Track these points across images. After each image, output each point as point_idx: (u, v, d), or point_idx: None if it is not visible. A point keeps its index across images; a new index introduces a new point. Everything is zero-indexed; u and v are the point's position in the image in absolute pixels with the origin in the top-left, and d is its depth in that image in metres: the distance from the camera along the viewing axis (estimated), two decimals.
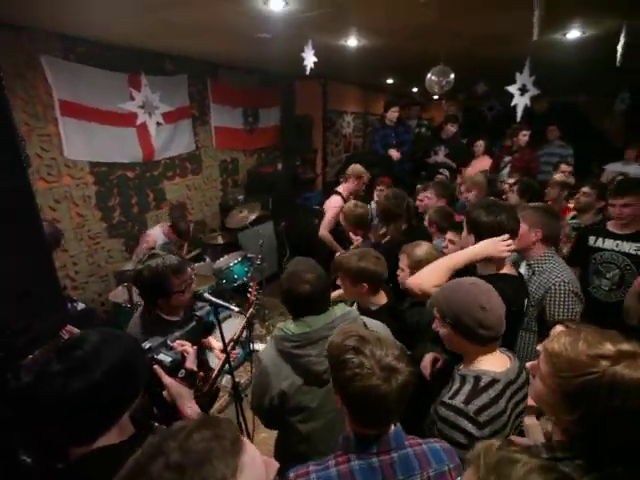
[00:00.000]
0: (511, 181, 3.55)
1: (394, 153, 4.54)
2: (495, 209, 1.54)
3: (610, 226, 2.37)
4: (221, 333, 1.48)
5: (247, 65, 4.99)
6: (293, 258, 4.55)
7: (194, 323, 1.31)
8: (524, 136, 4.66)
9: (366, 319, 1.50)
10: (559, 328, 1.29)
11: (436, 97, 7.79)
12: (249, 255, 3.52)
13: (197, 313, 1.35)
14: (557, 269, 1.76)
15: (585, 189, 2.78)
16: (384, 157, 4.60)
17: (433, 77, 3.00)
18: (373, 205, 3.96)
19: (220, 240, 3.79)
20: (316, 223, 3.70)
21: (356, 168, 3.42)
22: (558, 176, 3.34)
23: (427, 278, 1.49)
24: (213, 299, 1.49)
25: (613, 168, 4.74)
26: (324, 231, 3.33)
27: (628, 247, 2.28)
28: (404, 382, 0.88)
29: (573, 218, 2.88)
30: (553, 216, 1.89)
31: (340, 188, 3.54)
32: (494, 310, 1.14)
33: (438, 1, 2.50)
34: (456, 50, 4.09)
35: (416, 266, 1.79)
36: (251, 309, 1.92)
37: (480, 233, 1.54)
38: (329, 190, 4.15)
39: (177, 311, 1.60)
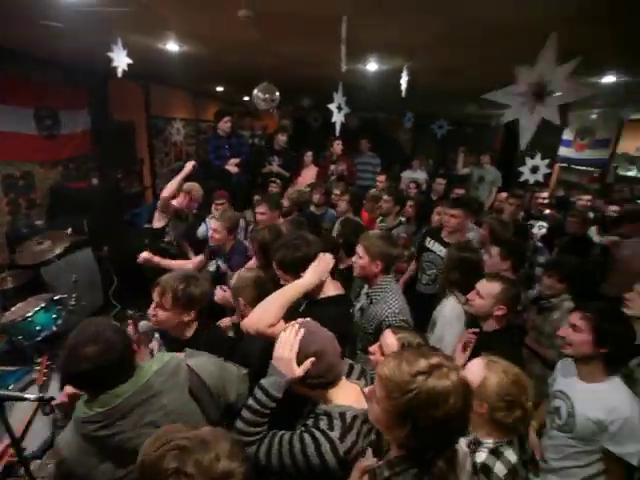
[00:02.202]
0: (338, 192, 3.96)
1: (232, 168, 4.44)
2: (298, 243, 1.61)
3: (443, 233, 2.77)
4: (9, 430, 1.07)
5: (40, 56, 3.99)
6: (122, 287, 3.78)
7: None
8: (338, 145, 5.28)
9: (192, 361, 1.31)
10: (388, 333, 1.46)
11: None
12: (58, 297, 2.78)
13: None
14: (390, 299, 1.86)
15: (385, 197, 3.36)
16: (220, 169, 4.45)
17: (259, 94, 3.05)
18: (210, 223, 3.77)
19: (10, 283, 2.87)
20: (147, 243, 3.25)
21: (185, 184, 3.15)
22: (372, 191, 3.91)
23: (262, 318, 1.41)
24: None
25: (407, 175, 5.90)
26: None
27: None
28: None
29: (381, 222, 3.45)
30: (392, 244, 1.98)
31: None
32: (326, 354, 1.12)
33: (259, 21, 2.54)
34: (279, 68, 4.31)
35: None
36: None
37: (296, 269, 1.59)
38: None
39: None
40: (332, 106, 4.45)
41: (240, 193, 4.37)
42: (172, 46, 3.54)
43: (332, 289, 1.66)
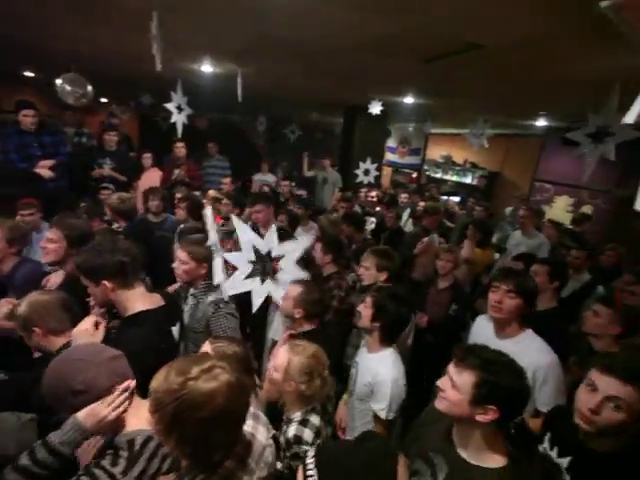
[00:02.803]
0: (179, 196, 3.75)
1: (45, 171, 3.72)
2: (101, 249, 1.48)
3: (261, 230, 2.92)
4: None
5: None
6: None
7: None
8: (180, 148, 5.00)
9: None
10: (206, 344, 1.42)
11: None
12: None
13: None
14: (212, 297, 1.95)
15: (224, 200, 3.39)
16: (27, 173, 3.67)
17: (66, 86, 2.63)
18: None
19: None
20: None
21: None
22: (211, 192, 3.86)
23: None
24: None
25: (258, 178, 6.03)
26: None
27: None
28: None
29: (222, 226, 3.42)
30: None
31: None
32: (98, 379, 1.03)
33: None
34: (99, 58, 3.81)
35: None
36: None
37: (95, 276, 1.46)
38: None
39: None
40: (170, 106, 4.19)
41: (60, 201, 3.70)
42: None
43: (141, 304, 1.52)
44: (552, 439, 1.28)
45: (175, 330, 1.76)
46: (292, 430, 1.35)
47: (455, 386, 1.08)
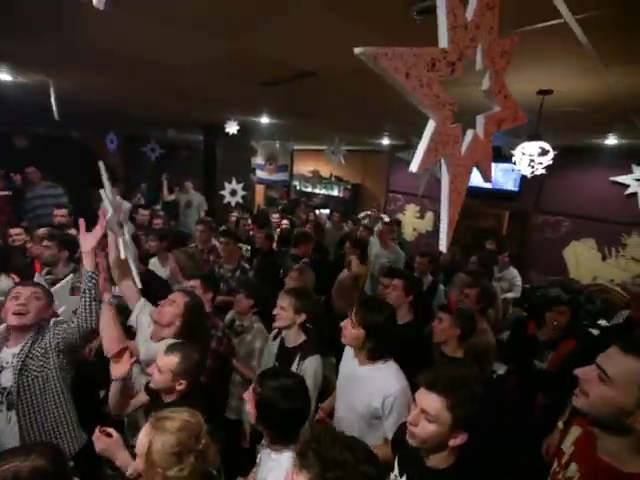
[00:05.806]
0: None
1: None
2: None
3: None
4: None
5: None
6: None
7: None
8: None
9: None
10: None
11: None
12: None
13: None
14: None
15: (45, 242, 2.77)
16: None
17: None
18: None
19: None
20: None
21: None
22: (42, 230, 2.99)
23: None
24: None
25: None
26: None
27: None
28: None
29: (48, 274, 2.76)
30: None
31: None
32: None
33: None
34: None
35: None
36: None
37: None
38: None
39: None
40: None
41: None
42: None
43: None
44: (399, 463, 1.28)
45: None
46: None
47: None
